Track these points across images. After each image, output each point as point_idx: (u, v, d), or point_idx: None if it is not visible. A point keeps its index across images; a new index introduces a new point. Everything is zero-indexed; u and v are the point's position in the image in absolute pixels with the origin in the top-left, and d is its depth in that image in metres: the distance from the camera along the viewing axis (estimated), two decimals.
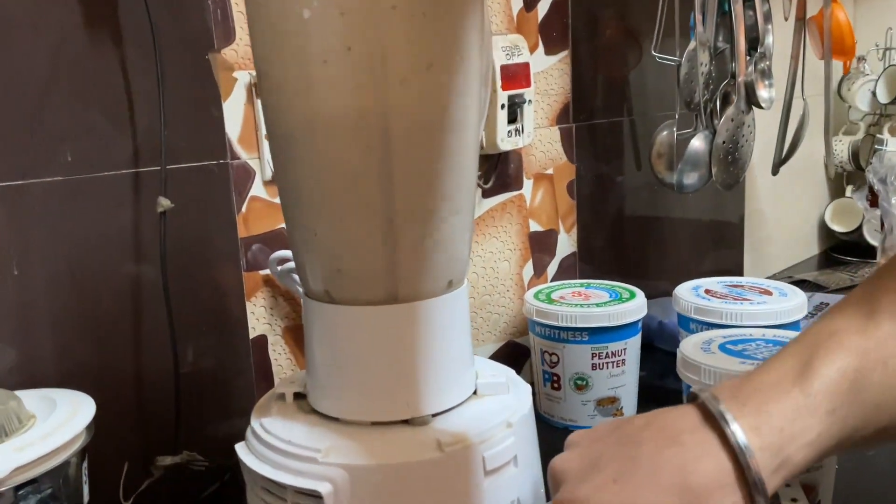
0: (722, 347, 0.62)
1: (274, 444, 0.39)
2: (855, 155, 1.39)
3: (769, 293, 0.79)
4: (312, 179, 0.36)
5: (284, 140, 0.36)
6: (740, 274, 1.22)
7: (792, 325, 0.75)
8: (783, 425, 0.29)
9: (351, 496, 0.36)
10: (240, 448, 0.40)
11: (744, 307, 0.75)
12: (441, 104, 0.34)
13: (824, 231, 1.43)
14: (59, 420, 0.43)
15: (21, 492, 0.40)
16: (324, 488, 0.35)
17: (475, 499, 0.37)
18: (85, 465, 0.46)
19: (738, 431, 0.29)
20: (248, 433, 0.41)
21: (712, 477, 0.29)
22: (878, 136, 1.35)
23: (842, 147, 1.40)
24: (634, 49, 0.96)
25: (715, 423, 0.30)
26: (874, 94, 1.35)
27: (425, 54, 0.33)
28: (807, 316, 0.87)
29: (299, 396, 0.43)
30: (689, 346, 0.62)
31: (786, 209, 1.30)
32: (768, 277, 1.27)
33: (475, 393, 0.43)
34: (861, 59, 1.39)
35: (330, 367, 0.40)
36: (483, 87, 0.38)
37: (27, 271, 0.51)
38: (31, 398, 0.46)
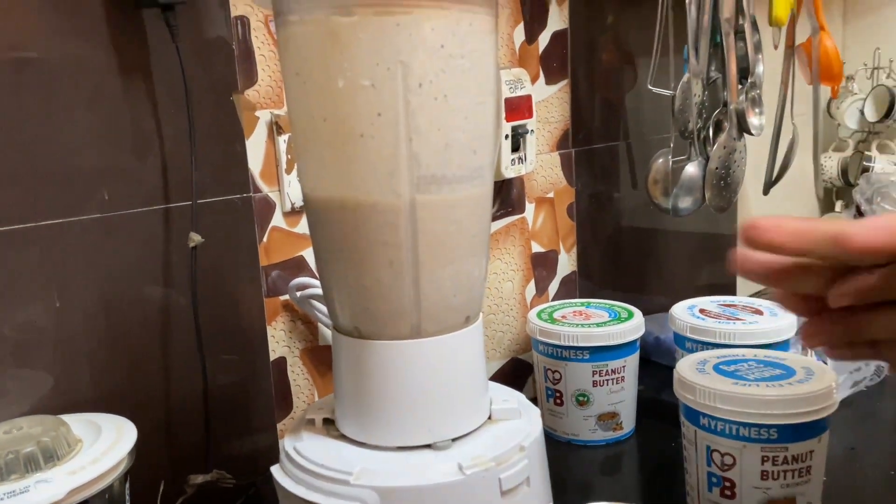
0: (716, 368, 0.66)
1: (307, 467, 0.42)
2: (844, 171, 1.43)
3: (761, 312, 0.83)
4: (345, 235, 0.39)
5: (321, 203, 0.40)
6: (734, 288, 1.26)
7: (781, 345, 0.79)
8: None
9: None
10: (275, 470, 0.44)
11: (736, 327, 0.79)
12: (460, 163, 0.38)
13: None
14: (105, 445, 0.47)
15: None
16: None
17: None
18: (127, 485, 0.49)
19: None
20: (283, 456, 0.45)
21: None
22: (866, 153, 1.39)
23: (831, 164, 1.44)
24: (630, 76, 1.00)
25: None
26: (862, 112, 1.40)
27: (446, 127, 0.37)
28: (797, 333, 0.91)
29: (328, 422, 0.47)
30: (685, 367, 0.66)
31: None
32: (759, 292, 1.31)
33: (490, 418, 0.47)
34: (850, 78, 1.44)
35: (358, 395, 0.43)
36: (496, 141, 0.42)
37: (67, 303, 0.55)
38: (76, 423, 0.50)
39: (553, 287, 0.96)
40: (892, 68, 1.39)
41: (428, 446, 0.43)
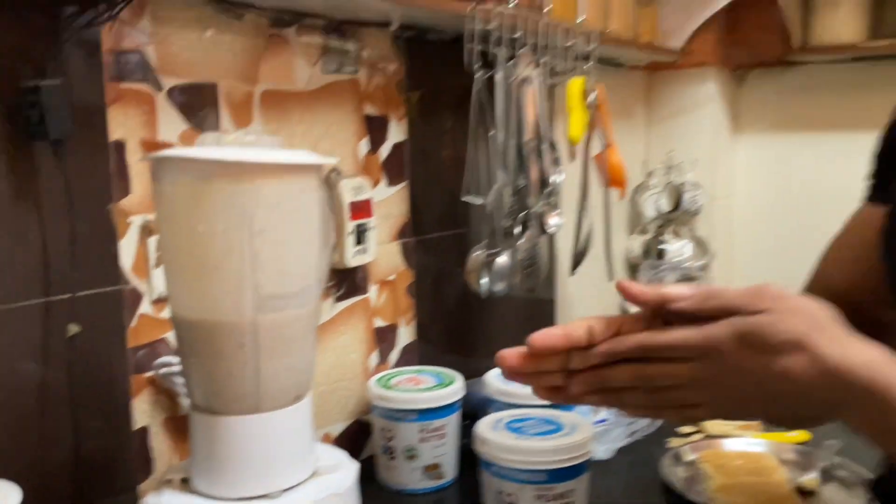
0: (507, 425, 0.83)
1: None
2: (647, 251, 1.70)
3: None
4: (203, 341, 0.53)
5: (184, 318, 0.53)
6: None
7: (567, 406, 0.98)
8: None
9: None
10: None
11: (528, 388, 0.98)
12: (292, 286, 0.53)
13: (622, 310, 1.72)
14: None
15: None
16: None
17: None
18: None
19: None
20: None
21: None
22: (660, 238, 1.67)
23: (636, 244, 1.71)
24: (459, 177, 1.19)
25: None
26: (659, 203, 1.69)
27: (281, 261, 0.52)
28: None
29: (185, 481, 0.59)
30: (483, 426, 0.83)
31: (590, 291, 1.57)
32: None
33: (315, 472, 0.60)
34: (650, 174, 1.73)
35: (209, 458, 0.56)
36: (320, 266, 0.57)
37: None
38: None
39: (394, 356, 1.12)
40: (681, 168, 1.69)
41: (264, 496, 0.56)
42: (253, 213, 0.52)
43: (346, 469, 0.61)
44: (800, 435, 1.09)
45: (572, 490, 0.78)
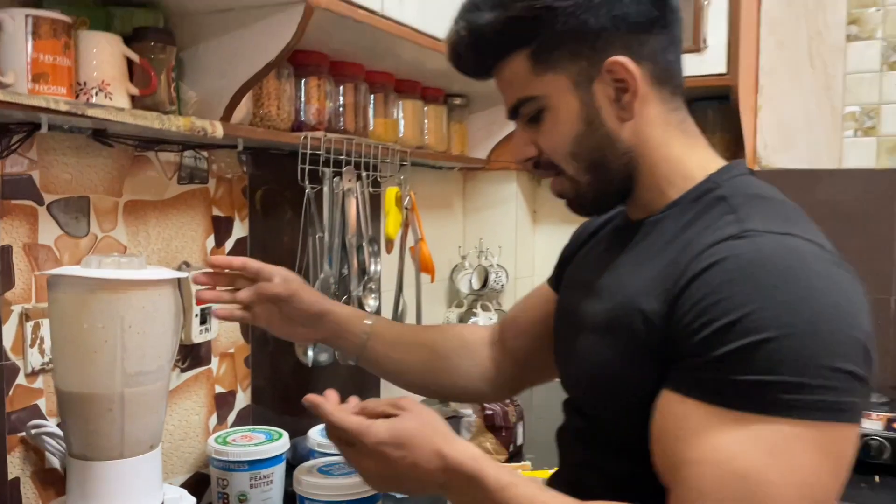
0: (319, 469, 1.07)
1: None
2: (461, 321, 2.01)
3: None
4: (81, 406, 0.74)
5: (65, 391, 0.74)
6: None
7: None
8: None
9: None
10: None
11: None
12: (150, 365, 0.76)
13: None
14: None
15: None
16: None
17: None
18: None
19: None
20: None
21: None
22: (473, 310, 2.00)
23: (453, 315, 2.02)
24: (292, 266, 1.44)
25: None
26: (471, 281, 2.01)
27: (144, 346, 0.75)
28: None
29: None
30: (301, 469, 1.06)
31: None
32: None
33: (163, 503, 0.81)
34: (464, 257, 2.06)
35: (84, 496, 0.76)
36: (173, 349, 0.80)
37: None
38: None
39: (232, 416, 1.33)
40: (489, 252, 2.03)
41: None
42: (124, 314, 0.74)
43: (186, 500, 0.83)
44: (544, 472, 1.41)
45: None
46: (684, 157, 0.75)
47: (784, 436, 0.57)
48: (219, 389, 1.29)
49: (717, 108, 1.70)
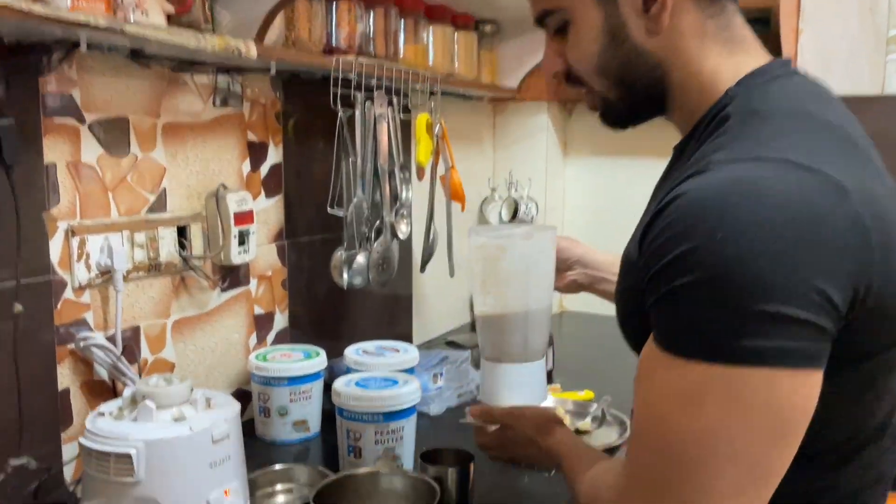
0: (356, 383, 1.10)
1: (101, 434, 0.78)
2: None
3: (398, 351, 1.31)
4: (494, 325, 0.77)
5: (485, 318, 0.77)
6: (410, 336, 1.76)
7: (409, 370, 1.27)
8: None
9: (147, 457, 0.77)
10: (83, 440, 0.79)
11: (379, 359, 1.26)
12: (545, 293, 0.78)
13: (470, 304, 2.04)
14: None
15: None
16: (133, 452, 0.76)
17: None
18: None
19: None
20: (86, 430, 0.79)
21: None
22: None
23: None
24: (326, 191, 1.45)
25: None
26: (501, 213, 2.02)
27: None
28: (439, 363, 1.41)
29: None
30: (338, 384, 1.10)
31: (443, 290, 1.88)
32: (429, 340, 1.83)
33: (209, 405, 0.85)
34: (494, 189, 2.06)
35: (495, 392, 0.96)
36: None
37: None
38: None
39: (271, 337, 1.37)
40: (519, 184, 2.03)
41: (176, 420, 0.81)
42: (534, 255, 0.95)
43: (232, 404, 0.87)
44: (586, 394, 1.44)
45: (402, 427, 1.07)
46: (719, 69, 0.69)
47: (699, 380, 0.55)
48: (258, 310, 1.33)
49: (758, 33, 1.65)
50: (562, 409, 1.33)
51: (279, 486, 1.02)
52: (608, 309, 1.22)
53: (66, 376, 1.00)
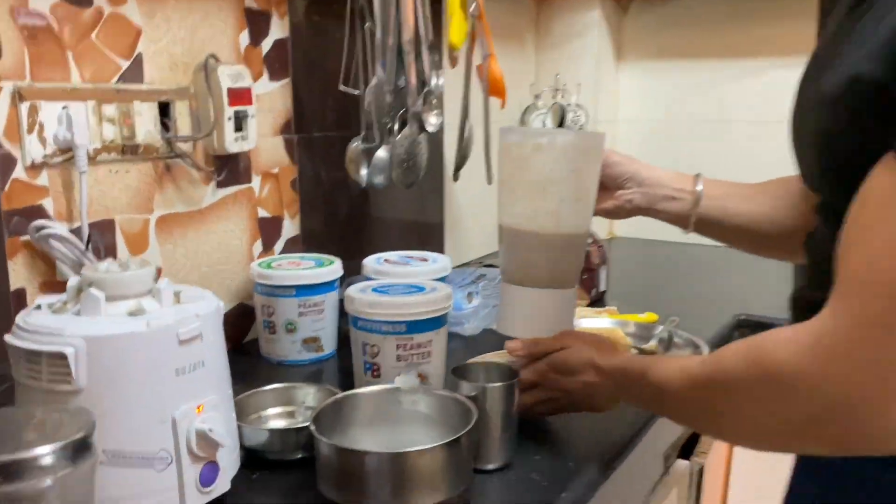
0: (374, 289, 0.90)
1: (31, 328, 0.59)
2: None
3: (426, 260, 1.10)
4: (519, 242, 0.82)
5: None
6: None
7: (443, 278, 1.06)
8: None
9: (89, 359, 0.58)
10: (8, 337, 0.60)
11: (404, 269, 1.05)
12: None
13: (498, 225, 1.82)
14: None
15: None
16: (68, 351, 0.57)
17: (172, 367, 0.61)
18: None
19: None
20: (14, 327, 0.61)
21: None
22: None
23: None
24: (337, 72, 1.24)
25: None
26: (544, 122, 1.78)
27: None
28: (475, 280, 1.20)
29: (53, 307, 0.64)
30: (353, 290, 0.90)
31: (476, 211, 1.66)
32: (464, 264, 1.62)
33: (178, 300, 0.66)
34: (537, 96, 1.82)
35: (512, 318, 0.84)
36: None
37: None
38: None
39: (279, 246, 1.17)
40: (566, 90, 1.78)
41: (131, 314, 0.62)
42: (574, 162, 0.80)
43: (208, 300, 0.67)
44: (648, 316, 1.22)
45: (430, 341, 0.86)
46: None
47: None
48: (262, 213, 1.13)
49: None
50: (621, 331, 1.12)
51: (278, 409, 0.84)
52: (665, 233, 1.02)
53: (19, 273, 0.82)
